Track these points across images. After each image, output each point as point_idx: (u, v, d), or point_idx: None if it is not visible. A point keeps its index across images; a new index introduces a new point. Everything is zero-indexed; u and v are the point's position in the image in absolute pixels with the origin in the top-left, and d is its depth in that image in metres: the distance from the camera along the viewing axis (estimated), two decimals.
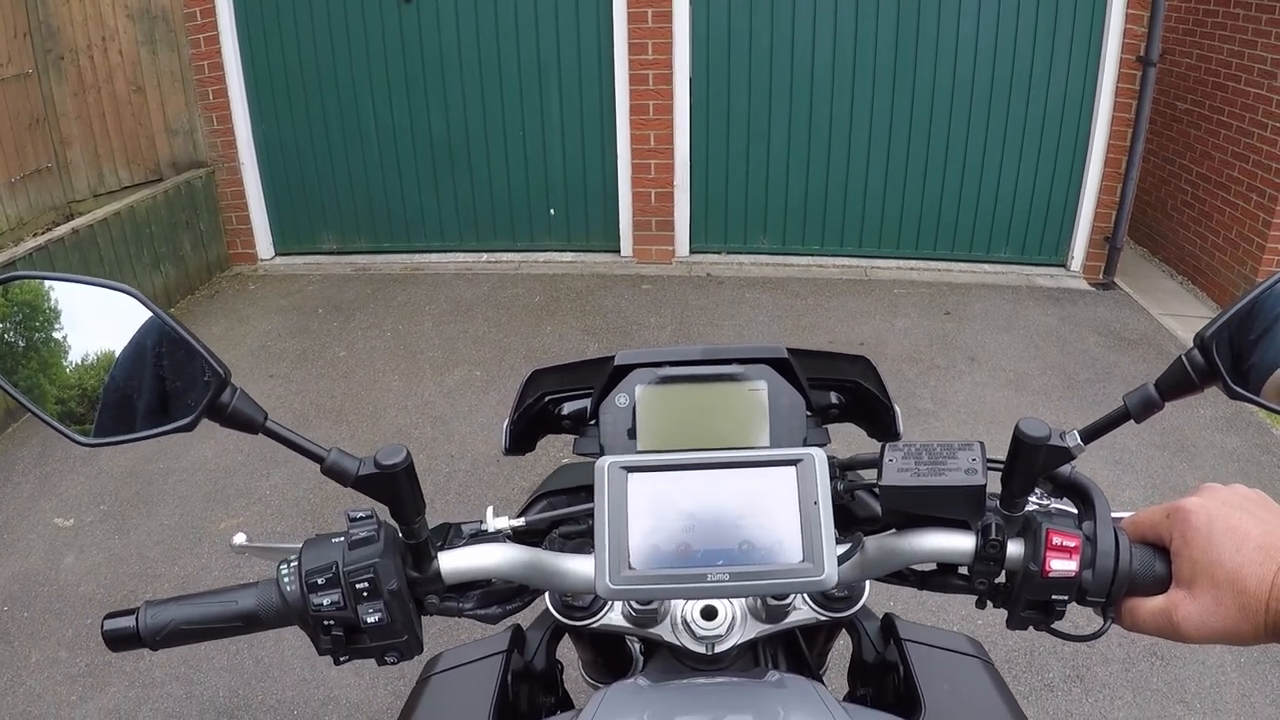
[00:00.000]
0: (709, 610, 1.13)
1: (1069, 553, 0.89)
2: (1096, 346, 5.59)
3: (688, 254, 7.04)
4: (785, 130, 6.67)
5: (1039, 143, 6.53)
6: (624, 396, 1.19)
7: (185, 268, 6.61)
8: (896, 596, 3.33)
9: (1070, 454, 0.91)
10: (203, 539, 3.90)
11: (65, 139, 6.41)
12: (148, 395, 0.91)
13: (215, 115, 6.82)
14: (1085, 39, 6.25)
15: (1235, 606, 0.80)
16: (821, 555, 0.86)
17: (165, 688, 3.14)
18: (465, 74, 6.68)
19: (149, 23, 6.52)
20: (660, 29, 6.35)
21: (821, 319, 5.95)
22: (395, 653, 0.97)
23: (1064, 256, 6.83)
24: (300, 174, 7.07)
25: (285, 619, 0.94)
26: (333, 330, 5.91)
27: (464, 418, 4.81)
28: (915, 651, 1.20)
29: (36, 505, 4.17)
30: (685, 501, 0.89)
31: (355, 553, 0.92)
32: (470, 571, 0.99)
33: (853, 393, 1.27)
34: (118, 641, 0.93)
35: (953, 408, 4.86)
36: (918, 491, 0.91)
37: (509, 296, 6.37)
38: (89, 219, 5.76)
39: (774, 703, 0.94)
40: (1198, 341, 0.87)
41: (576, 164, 6.88)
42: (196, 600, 0.95)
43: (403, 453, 0.92)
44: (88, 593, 3.60)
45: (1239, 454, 4.46)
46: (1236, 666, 3.17)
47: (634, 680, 1.01)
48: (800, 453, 0.91)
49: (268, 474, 4.31)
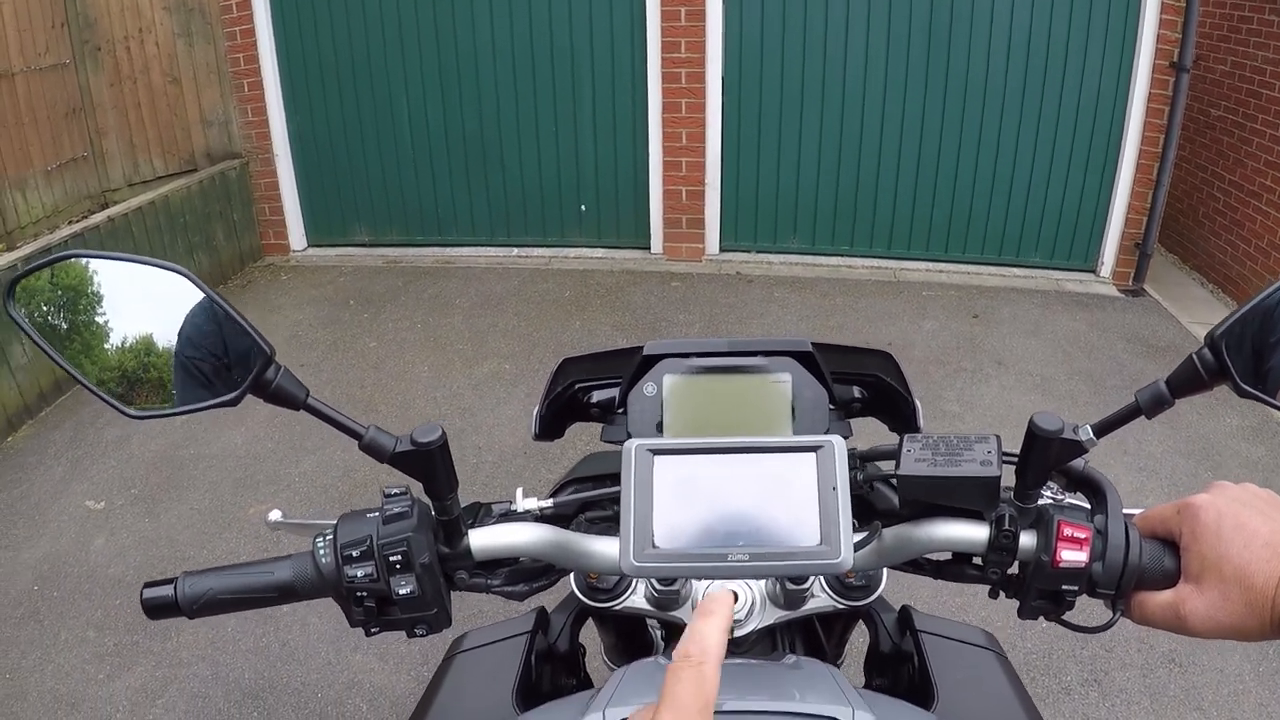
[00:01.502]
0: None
1: (1080, 544, 0.91)
2: (1124, 353, 5.57)
3: (717, 252, 7.06)
4: (816, 130, 6.67)
5: (1070, 147, 6.51)
6: (651, 386, 1.22)
7: (218, 257, 6.67)
8: (916, 595, 3.34)
9: (1083, 448, 0.93)
10: (232, 524, 3.94)
11: (101, 129, 6.47)
12: (195, 371, 0.94)
13: (250, 107, 6.89)
14: (1119, 44, 6.22)
15: (1242, 602, 0.81)
16: (838, 539, 0.87)
17: (192, 668, 3.18)
18: (499, 69, 6.72)
19: (185, 15, 6.58)
20: (693, 27, 6.37)
21: (850, 320, 5.95)
22: (425, 625, 0.99)
23: (1094, 262, 6.80)
24: (333, 166, 7.12)
25: (320, 590, 0.97)
26: (363, 321, 5.95)
27: (492, 410, 4.84)
28: (930, 643, 1.21)
29: (68, 488, 4.23)
30: (708, 484, 0.91)
31: (389, 527, 0.95)
32: (499, 549, 1.01)
33: (875, 387, 1.28)
34: (156, 609, 0.96)
35: (979, 410, 4.86)
36: (934, 481, 0.93)
37: (539, 291, 6.40)
38: (124, 208, 5.82)
39: (791, 684, 0.96)
40: (1208, 340, 0.88)
41: (608, 161, 6.91)
42: (233, 571, 0.98)
43: (438, 431, 0.94)
44: (117, 574, 3.65)
45: (1264, 463, 4.43)
46: (1255, 676, 3.16)
47: (655, 659, 1.02)
48: (821, 439, 0.92)
49: (297, 461, 4.36)
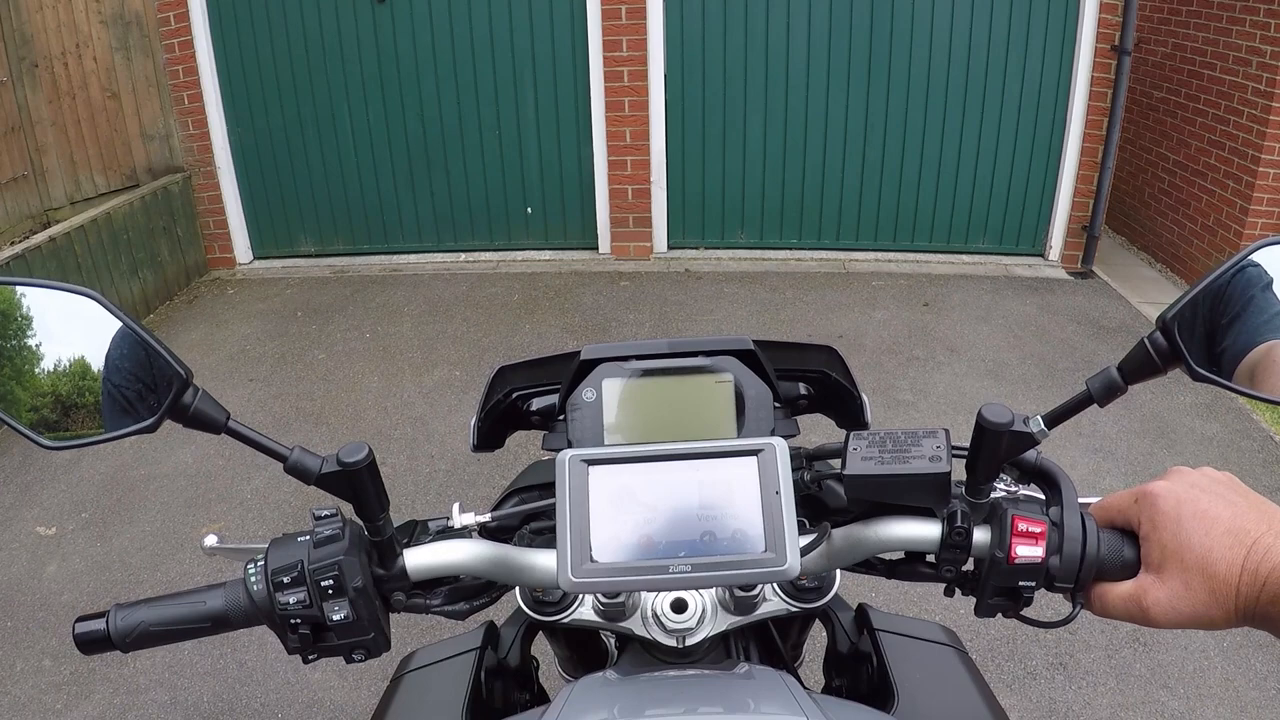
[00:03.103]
0: (679, 603, 1.13)
1: (1035, 539, 0.89)
2: (1075, 335, 5.61)
3: (666, 250, 7.05)
4: (761, 124, 6.68)
5: (1015, 133, 6.56)
6: (591, 391, 1.19)
7: (163, 273, 6.58)
8: (878, 588, 3.34)
9: (1034, 439, 0.91)
10: (185, 545, 3.89)
11: (41, 146, 6.36)
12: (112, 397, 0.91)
13: (191, 120, 6.80)
14: (1060, 28, 6.28)
15: (1205, 591, 0.80)
16: (784, 545, 0.86)
17: (149, 694, 3.13)
18: (440, 74, 6.67)
19: (123, 28, 6.49)
20: (634, 25, 6.36)
21: (800, 312, 5.96)
22: (363, 650, 0.97)
23: (1042, 246, 6.85)
24: (277, 177, 7.04)
25: (253, 619, 0.94)
26: (311, 333, 5.89)
27: (443, 418, 4.81)
28: (889, 641, 1.20)
29: (18, 514, 4.15)
30: (647, 493, 0.89)
31: (320, 551, 0.93)
32: (436, 568, 0.99)
33: (821, 383, 1.26)
34: (89, 644, 0.93)
35: (932, 398, 4.88)
36: (882, 480, 0.91)
37: (487, 296, 6.37)
38: (66, 226, 5.73)
39: (742, 694, 0.94)
40: (1159, 323, 0.87)
41: (553, 162, 6.88)
42: (166, 602, 0.95)
43: (365, 450, 0.92)
44: (70, 601, 3.59)
45: (1219, 440, 4.48)
46: (1220, 651, 3.19)
47: (604, 674, 1.00)
48: (761, 443, 0.90)
49: (249, 478, 4.30)
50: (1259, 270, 0.88)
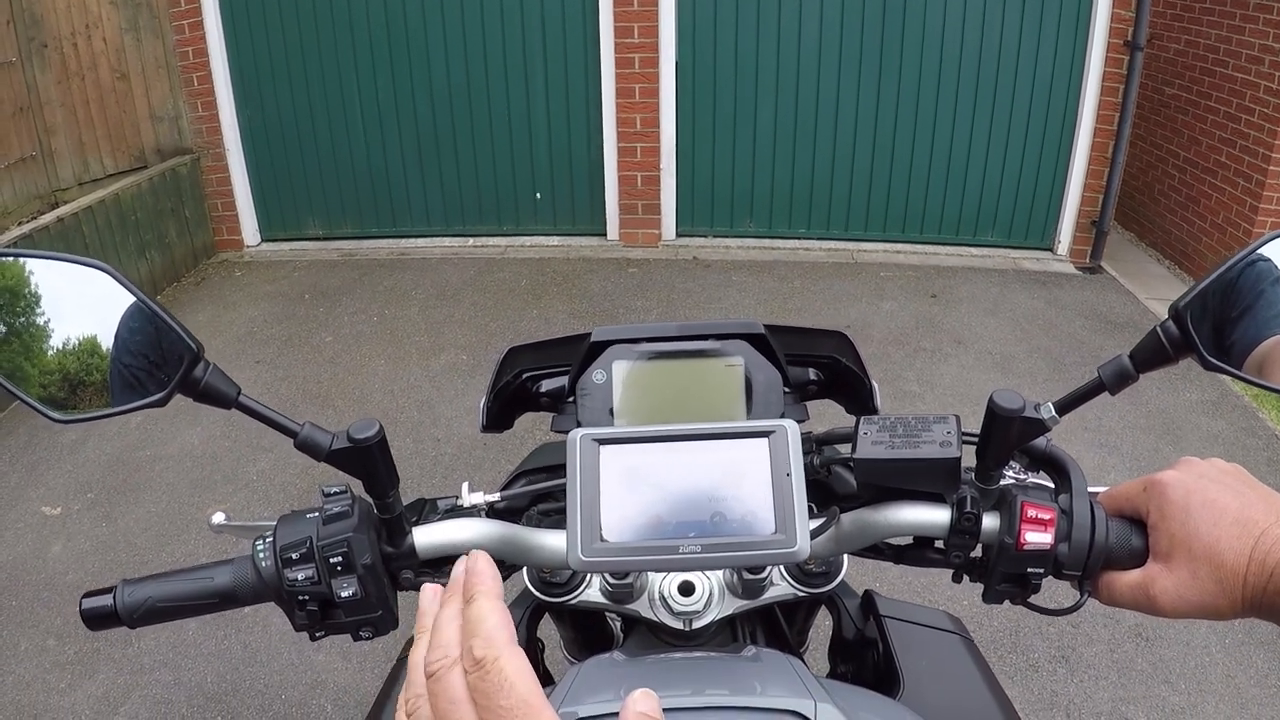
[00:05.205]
0: (686, 586, 1.13)
1: (1044, 525, 0.89)
2: (1083, 330, 5.60)
3: (674, 237, 7.04)
4: (772, 113, 6.66)
5: (1026, 126, 6.53)
6: (601, 373, 1.19)
7: (171, 255, 6.59)
8: (883, 578, 3.34)
9: (1045, 426, 0.90)
10: (190, 525, 3.89)
11: (49, 127, 6.36)
12: (123, 371, 0.91)
13: (200, 101, 6.81)
14: (1072, 23, 6.25)
15: (1212, 580, 0.79)
16: (794, 527, 0.85)
17: (154, 674, 3.14)
18: (451, 58, 6.66)
19: (133, 9, 6.48)
20: (646, 12, 6.34)
21: (808, 302, 5.95)
22: (370, 628, 0.97)
23: (1051, 240, 6.83)
24: (285, 160, 7.04)
25: (261, 595, 0.94)
26: (319, 316, 5.90)
27: (450, 402, 4.81)
28: (894, 628, 1.19)
29: (24, 494, 4.16)
30: (657, 473, 0.88)
31: (329, 527, 0.92)
32: (444, 546, 0.99)
33: (831, 369, 1.25)
34: (96, 620, 0.93)
35: (939, 390, 4.87)
36: (892, 464, 0.90)
37: (495, 281, 6.37)
38: (74, 207, 5.74)
39: (750, 676, 0.94)
40: (1172, 312, 0.86)
41: (562, 148, 6.87)
42: (173, 577, 0.95)
43: (375, 426, 0.92)
44: (75, 581, 3.59)
45: (1225, 437, 4.47)
46: (1221, 648, 3.18)
47: (610, 655, 1.00)
48: (772, 424, 0.89)
49: (255, 459, 4.31)
50: (1269, 264, 0.88)
